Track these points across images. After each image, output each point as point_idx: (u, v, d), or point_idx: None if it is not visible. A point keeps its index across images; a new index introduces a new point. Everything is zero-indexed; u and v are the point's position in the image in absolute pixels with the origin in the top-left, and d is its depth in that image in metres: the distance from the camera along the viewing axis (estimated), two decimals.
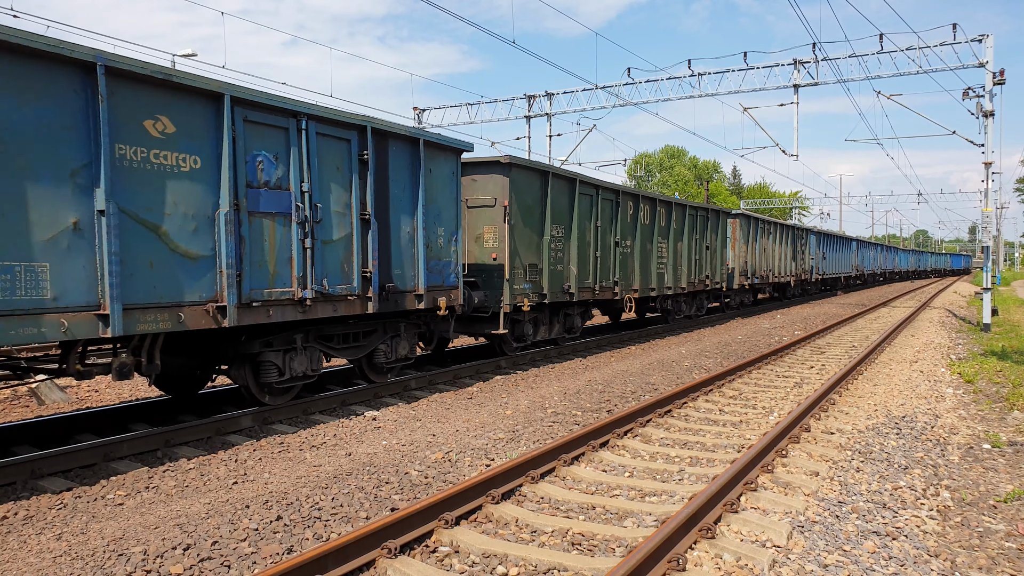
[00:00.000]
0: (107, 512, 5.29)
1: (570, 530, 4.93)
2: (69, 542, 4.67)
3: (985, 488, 6.20)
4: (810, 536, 4.81)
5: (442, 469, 6.28)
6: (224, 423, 7.61)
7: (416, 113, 29.96)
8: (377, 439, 7.31)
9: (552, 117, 28.60)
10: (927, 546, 4.86)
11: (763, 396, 9.73)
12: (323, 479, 5.86)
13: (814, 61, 22.43)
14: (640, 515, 5.24)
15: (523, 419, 8.17)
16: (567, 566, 4.35)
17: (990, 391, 10.53)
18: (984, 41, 19.68)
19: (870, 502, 5.53)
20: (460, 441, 7.16)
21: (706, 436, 7.58)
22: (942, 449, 7.31)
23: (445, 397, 9.56)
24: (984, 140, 19.80)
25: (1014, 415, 8.92)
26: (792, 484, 5.87)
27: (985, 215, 20.56)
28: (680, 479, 6.15)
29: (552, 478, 6.10)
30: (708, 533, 4.69)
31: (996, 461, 7.02)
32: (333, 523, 5.02)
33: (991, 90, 19.50)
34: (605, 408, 8.93)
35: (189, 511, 5.15)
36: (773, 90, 23.29)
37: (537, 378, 11.07)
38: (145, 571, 4.21)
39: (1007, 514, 5.58)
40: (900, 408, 8.97)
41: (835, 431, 7.75)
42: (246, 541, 4.65)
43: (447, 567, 4.40)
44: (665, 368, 12.10)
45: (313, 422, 8.18)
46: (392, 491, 5.69)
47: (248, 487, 5.77)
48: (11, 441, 7.15)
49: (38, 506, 5.41)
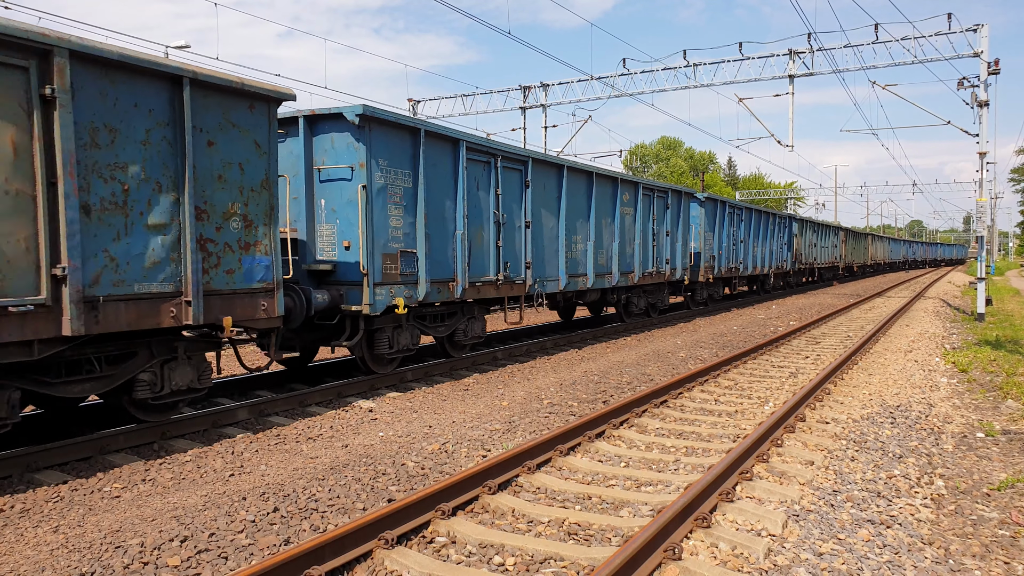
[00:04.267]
0: (104, 505, 5.30)
1: (566, 520, 4.95)
2: (66, 535, 4.68)
3: (979, 476, 6.24)
4: (805, 525, 4.83)
5: (439, 460, 6.30)
6: (220, 415, 7.61)
7: (411, 104, 29.87)
8: (374, 430, 7.32)
9: (548, 108, 28.56)
10: (921, 534, 4.89)
11: (758, 386, 9.76)
12: (320, 471, 5.87)
13: (810, 51, 22.41)
14: (636, 505, 5.26)
15: (519, 410, 8.19)
16: (563, 556, 4.37)
17: (984, 380, 10.58)
18: (979, 31, 19.68)
19: (865, 491, 5.56)
20: (457, 432, 7.17)
21: (702, 426, 7.60)
22: (936, 438, 7.35)
23: (442, 388, 9.57)
24: (979, 130, 19.83)
25: (1008, 404, 8.97)
26: (787, 473, 5.90)
27: (979, 205, 20.61)
28: (676, 469, 6.17)
29: (548, 468, 6.12)
30: (704, 522, 4.71)
31: (990, 450, 7.06)
32: (330, 514, 5.03)
33: (986, 80, 19.51)
34: (601, 399, 8.95)
35: (186, 503, 5.15)
36: (769, 81, 23.32)
37: (533, 369, 11.09)
38: (142, 563, 4.21)
39: (1000, 502, 5.62)
40: (895, 397, 9.01)
41: (830, 420, 7.78)
42: (243, 533, 4.66)
43: (444, 557, 4.42)
44: (661, 359, 12.13)
45: (309, 414, 8.19)
46: (389, 482, 5.70)
47: (245, 479, 5.77)
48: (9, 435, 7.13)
49: (35, 499, 5.41)
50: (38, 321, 5.65)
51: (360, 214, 8.81)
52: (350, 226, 8.95)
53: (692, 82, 24.39)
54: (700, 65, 24.25)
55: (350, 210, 8.94)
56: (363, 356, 9.50)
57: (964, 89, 19.94)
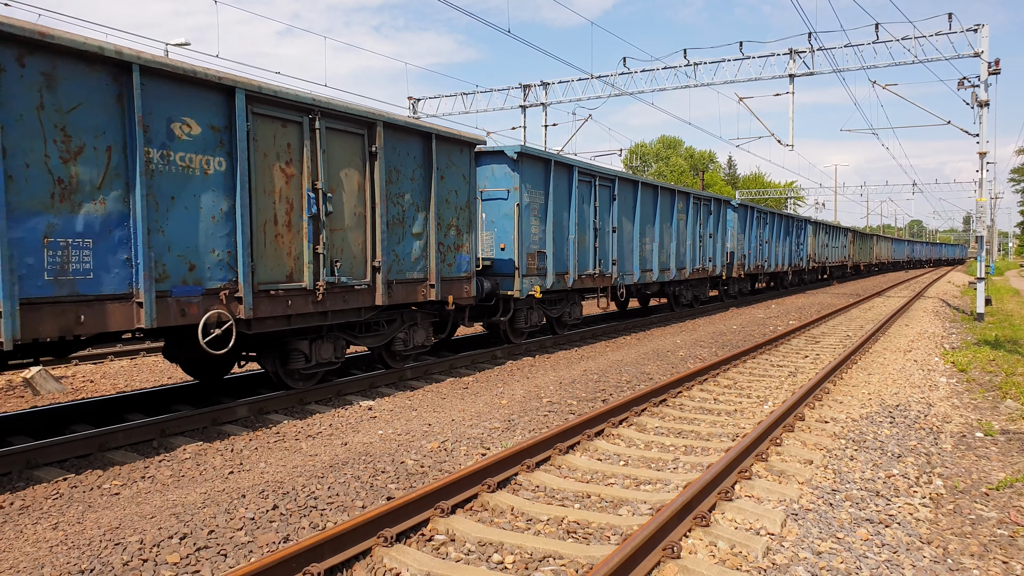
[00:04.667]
0: (103, 502, 5.30)
1: (565, 518, 4.96)
2: (65, 531, 4.68)
3: (977, 476, 6.24)
4: (804, 524, 4.84)
5: (438, 458, 6.30)
6: (220, 413, 7.61)
7: (411, 103, 29.84)
8: (373, 429, 7.33)
9: (548, 107, 28.52)
10: (920, 533, 4.90)
11: (758, 385, 9.76)
12: (319, 468, 5.87)
13: (810, 51, 22.38)
14: (635, 503, 5.27)
15: (519, 408, 8.19)
16: (562, 554, 4.38)
17: (983, 380, 10.59)
18: (979, 31, 19.67)
19: (863, 490, 5.57)
20: (456, 430, 7.17)
21: (701, 425, 7.61)
22: (935, 437, 7.36)
23: (441, 387, 9.57)
24: (979, 130, 19.82)
25: (1007, 404, 8.98)
26: (786, 472, 5.91)
27: (979, 205, 20.61)
28: (675, 468, 6.18)
29: (548, 467, 6.12)
30: (703, 521, 4.72)
31: (988, 449, 7.06)
32: (329, 512, 5.03)
33: (986, 80, 19.49)
34: (600, 397, 8.96)
35: (185, 501, 5.16)
36: (769, 80, 23.37)
37: (532, 368, 11.09)
38: (142, 560, 4.22)
39: (999, 501, 5.62)
40: (894, 397, 9.02)
41: (829, 420, 7.79)
42: (242, 530, 4.66)
43: (443, 555, 4.42)
44: (660, 358, 12.13)
45: (309, 412, 8.19)
46: (388, 480, 5.71)
47: (244, 476, 5.78)
48: (7, 431, 7.14)
49: (34, 496, 5.41)
50: (365, 295, 8.85)
51: (515, 225, 12.05)
52: (505, 233, 12.19)
53: (692, 81, 24.37)
54: (700, 64, 24.22)
55: (506, 221, 12.16)
56: (505, 330, 12.70)
57: (964, 89, 19.93)
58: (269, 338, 8.17)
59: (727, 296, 24.18)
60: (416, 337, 10.11)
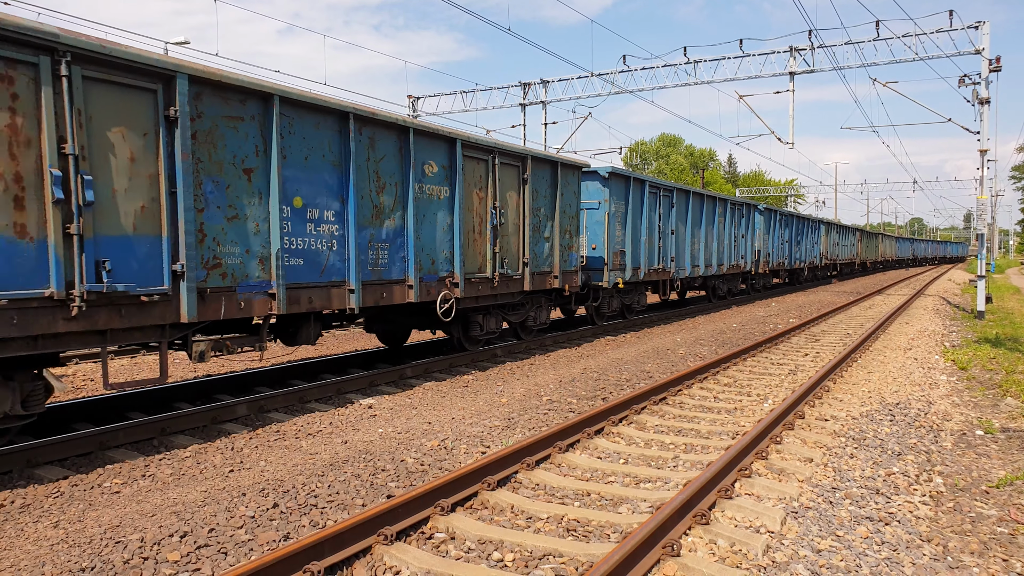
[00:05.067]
0: (104, 500, 5.31)
1: (565, 516, 4.96)
2: (66, 530, 4.68)
3: (977, 474, 6.25)
4: (804, 522, 4.84)
5: (438, 456, 6.31)
6: (220, 411, 7.62)
7: (411, 101, 29.82)
8: (373, 427, 7.33)
9: (547, 105, 28.50)
10: (919, 531, 4.90)
11: (758, 383, 9.77)
12: (319, 467, 5.88)
13: (810, 48, 22.36)
14: (635, 501, 5.27)
15: (519, 407, 8.19)
16: (562, 552, 4.38)
17: (983, 378, 10.59)
18: (980, 28, 19.64)
19: (863, 488, 5.57)
20: (456, 429, 7.18)
21: (701, 423, 7.61)
22: (935, 436, 7.36)
23: (441, 385, 9.58)
24: (980, 128, 19.80)
25: (1007, 402, 8.98)
26: (786, 470, 5.91)
27: (980, 203, 20.60)
28: (675, 466, 6.18)
29: (547, 465, 6.12)
30: (702, 519, 4.72)
31: (988, 447, 7.07)
32: (329, 510, 5.04)
33: (987, 77, 19.47)
34: (600, 396, 8.96)
35: (186, 499, 5.16)
36: (769, 78, 23.30)
37: (532, 366, 11.10)
38: (142, 558, 4.22)
39: (999, 499, 5.63)
40: (894, 395, 9.02)
41: (829, 418, 7.79)
42: (243, 528, 4.67)
43: (443, 553, 4.43)
44: (660, 356, 12.13)
45: (309, 410, 8.20)
46: (388, 478, 5.71)
47: (244, 475, 5.78)
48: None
49: (35, 494, 5.42)
50: (518, 283, 11.77)
51: (604, 229, 14.89)
52: (595, 236, 14.98)
53: (692, 79, 24.35)
54: (700, 62, 24.20)
55: (597, 227, 15.00)
56: (592, 314, 15.64)
57: (965, 86, 19.90)
58: (459, 312, 10.83)
59: (752, 289, 27.32)
60: (541, 316, 13.13)
